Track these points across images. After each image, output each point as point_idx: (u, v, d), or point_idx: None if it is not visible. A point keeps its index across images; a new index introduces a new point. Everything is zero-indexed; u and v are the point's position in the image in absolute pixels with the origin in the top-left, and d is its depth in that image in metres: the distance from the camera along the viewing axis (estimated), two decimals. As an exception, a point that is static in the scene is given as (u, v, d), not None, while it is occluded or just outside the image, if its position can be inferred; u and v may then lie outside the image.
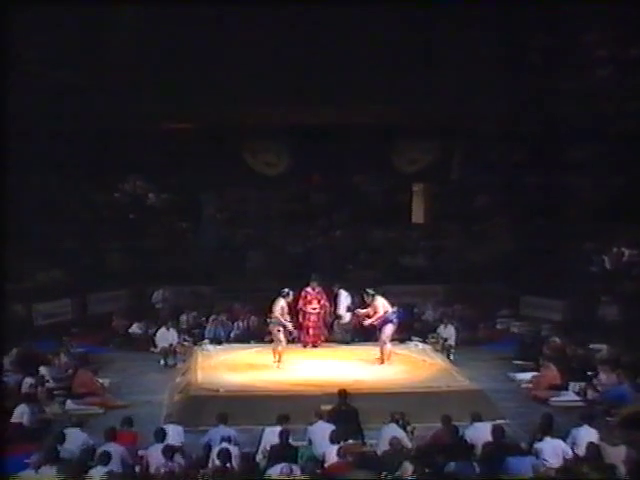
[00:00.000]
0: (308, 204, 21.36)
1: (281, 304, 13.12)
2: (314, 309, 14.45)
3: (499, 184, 19.77)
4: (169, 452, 8.78)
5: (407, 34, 16.62)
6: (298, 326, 14.80)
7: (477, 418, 9.81)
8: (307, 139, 18.65)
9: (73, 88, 16.70)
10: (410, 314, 17.35)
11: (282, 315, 13.08)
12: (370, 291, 13.24)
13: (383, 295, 13.38)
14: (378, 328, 13.19)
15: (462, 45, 16.63)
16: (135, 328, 16.46)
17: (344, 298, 14.69)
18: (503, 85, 17.29)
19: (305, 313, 14.44)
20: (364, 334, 14.78)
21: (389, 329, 13.04)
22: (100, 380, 12.83)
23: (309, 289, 14.53)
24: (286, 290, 13.27)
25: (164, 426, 9.59)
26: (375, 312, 13.03)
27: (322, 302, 14.52)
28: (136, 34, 17.01)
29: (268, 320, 13.32)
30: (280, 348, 13.00)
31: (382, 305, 13.08)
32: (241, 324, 16.41)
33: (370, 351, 13.80)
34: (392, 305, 13.24)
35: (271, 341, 13.54)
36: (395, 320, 13.15)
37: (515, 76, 17.46)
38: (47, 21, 15.78)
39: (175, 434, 9.51)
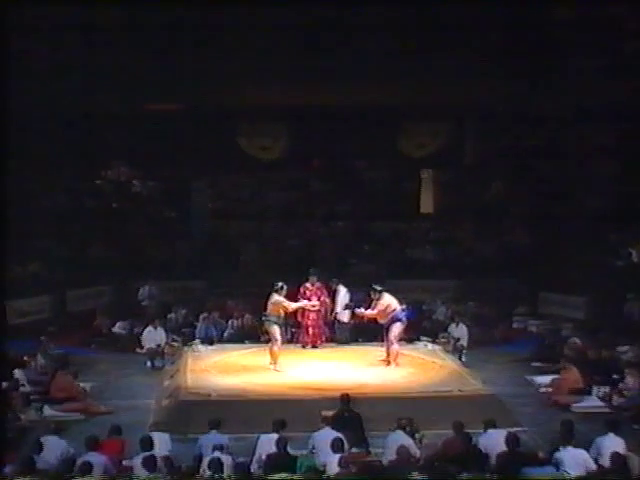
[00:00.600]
0: (307, 192, 21.38)
1: (275, 299, 13.05)
2: (314, 306, 14.41)
3: (516, 171, 19.74)
4: (150, 463, 8.72)
5: (415, 8, 16.52)
6: (296, 325, 14.83)
7: (491, 425, 9.77)
8: (306, 121, 18.63)
9: (51, 66, 16.60)
10: (419, 312, 17.36)
11: (276, 311, 12.99)
12: (377, 287, 13.20)
13: (389, 292, 13.34)
14: (385, 327, 13.18)
15: (474, 20, 16.55)
16: (119, 327, 16.47)
17: (343, 295, 14.61)
18: (520, 63, 17.21)
19: (304, 311, 14.41)
20: (368, 333, 14.81)
21: (397, 328, 13.03)
22: (81, 384, 12.79)
23: (308, 285, 14.51)
24: (279, 284, 13.19)
25: (150, 434, 9.52)
26: (384, 309, 12.98)
27: (322, 299, 14.49)
28: (121, 8, 16.92)
29: (263, 318, 13.24)
30: (276, 349, 12.96)
31: (390, 302, 13.04)
32: (235, 323, 16.41)
33: (375, 352, 13.81)
34: (400, 302, 13.22)
35: (267, 341, 13.51)
36: (404, 319, 13.14)
37: (532, 53, 17.37)
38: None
39: (161, 443, 9.46)
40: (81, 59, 16.71)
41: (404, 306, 13.24)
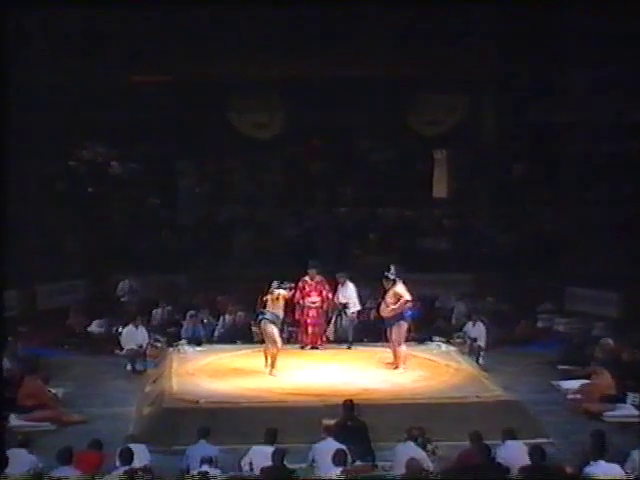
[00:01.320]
0: (306, 174, 21.31)
1: (277, 292, 13.02)
2: (313, 302, 14.40)
3: (540, 151, 19.62)
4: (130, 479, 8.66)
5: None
6: (295, 323, 14.81)
7: (513, 435, 9.75)
8: (305, 94, 18.56)
9: (18, 34, 16.50)
10: (431, 309, 17.32)
11: (274, 308, 12.94)
12: (391, 275, 13.10)
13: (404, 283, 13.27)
14: (386, 326, 13.17)
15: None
16: (95, 326, 16.46)
17: (351, 290, 14.52)
18: (544, 34, 17.15)
19: (303, 307, 14.41)
20: (374, 333, 14.81)
21: (400, 329, 13.02)
22: (52, 390, 12.75)
23: (307, 278, 14.47)
24: (287, 284, 13.19)
25: (129, 446, 9.47)
26: (397, 300, 12.92)
27: (324, 294, 14.47)
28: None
29: (259, 316, 13.20)
30: (275, 350, 12.94)
31: (403, 294, 12.96)
32: (226, 321, 16.40)
33: (382, 353, 13.81)
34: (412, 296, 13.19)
35: (262, 341, 13.48)
36: (408, 318, 13.12)
37: (559, 20, 17.29)
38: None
39: (141, 455, 9.41)
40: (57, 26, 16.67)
41: (411, 304, 13.19)
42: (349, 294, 14.51)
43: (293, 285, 13.55)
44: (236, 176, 21.57)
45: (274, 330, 12.89)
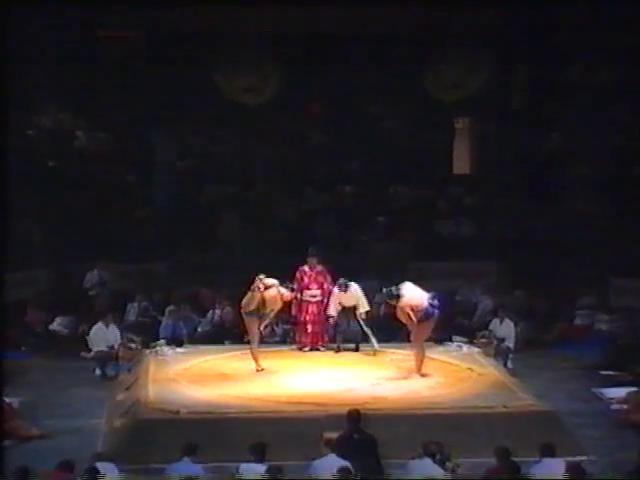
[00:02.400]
0: (305, 147, 21.23)
1: (276, 291, 13.10)
2: (313, 296, 14.44)
3: (581, 119, 19.52)
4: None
5: None
6: (291, 320, 14.88)
7: (547, 452, 9.71)
8: (305, 53, 18.49)
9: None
10: (450, 303, 17.31)
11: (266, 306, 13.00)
12: (393, 292, 13.04)
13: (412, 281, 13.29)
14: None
15: None
16: (59, 324, 16.51)
17: (355, 290, 14.45)
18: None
19: (302, 302, 14.45)
20: (384, 332, 14.87)
21: (423, 331, 13.04)
22: (7, 399, 12.58)
23: (306, 268, 14.51)
24: (290, 285, 13.36)
25: (97, 464, 9.46)
26: (413, 310, 12.88)
27: (325, 286, 14.51)
28: None
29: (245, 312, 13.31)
30: (252, 345, 13.09)
31: (412, 302, 12.92)
32: (211, 317, 16.43)
33: (393, 355, 13.87)
34: (428, 291, 13.17)
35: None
36: (435, 312, 13.05)
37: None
38: None
39: (108, 475, 9.39)
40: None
41: (431, 294, 13.08)
42: (356, 295, 14.41)
43: (294, 286, 13.67)
44: (223, 149, 21.51)
45: (255, 325, 13.01)
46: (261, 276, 13.27)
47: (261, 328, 13.37)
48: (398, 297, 13.01)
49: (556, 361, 15.37)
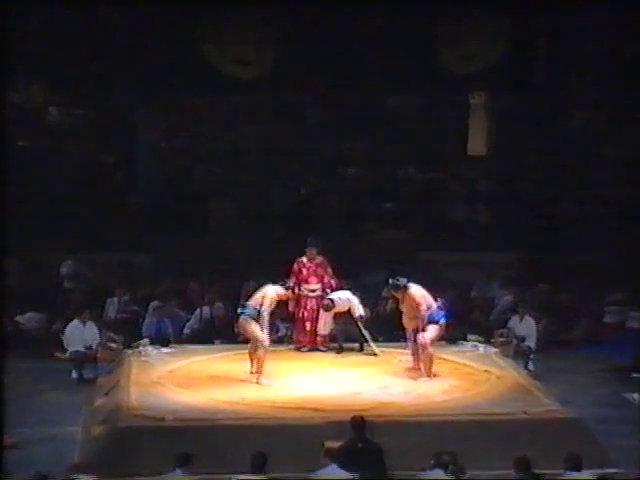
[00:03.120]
0: (304, 125, 21.18)
1: (275, 292, 13.12)
2: (313, 291, 14.45)
3: (613, 94, 19.46)
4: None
5: None
6: (288, 318, 14.90)
7: (573, 463, 9.67)
8: (303, 21, 18.44)
9: None
10: (465, 299, 17.30)
11: (264, 304, 13.05)
12: (399, 282, 13.13)
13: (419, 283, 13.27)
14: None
15: None
16: (30, 321, 16.46)
17: (349, 299, 14.48)
18: None
19: (300, 297, 14.46)
20: (391, 331, 14.87)
21: (433, 332, 13.04)
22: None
23: (305, 260, 14.52)
24: (290, 283, 13.35)
25: (73, 476, 9.46)
26: (418, 309, 12.98)
27: (325, 280, 14.51)
28: None
29: (239, 310, 13.26)
30: (259, 351, 12.95)
31: (419, 300, 12.99)
32: (200, 315, 16.42)
33: (401, 356, 13.86)
34: (435, 298, 13.20)
35: (247, 341, 13.53)
36: (442, 320, 13.12)
37: None
38: None
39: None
40: None
41: (440, 302, 13.23)
42: (348, 303, 14.39)
43: (292, 285, 13.67)
44: (213, 127, 21.48)
45: (257, 328, 12.91)
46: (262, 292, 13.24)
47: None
48: (405, 288, 13.07)
49: (583, 363, 15.40)
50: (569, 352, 15.92)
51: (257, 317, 13.00)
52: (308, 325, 14.49)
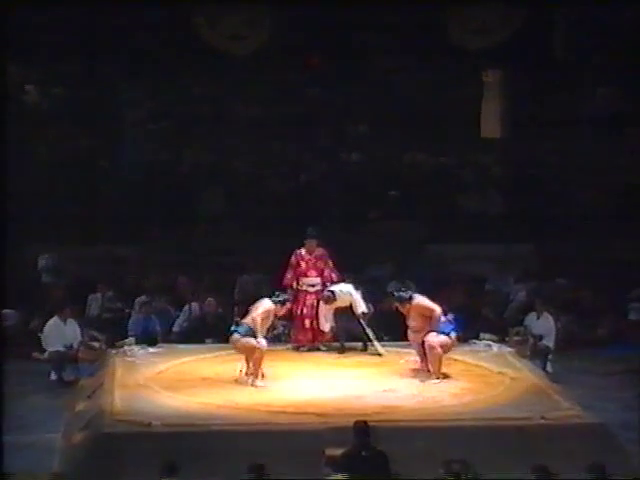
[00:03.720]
0: (302, 105, 21.18)
1: (267, 307, 13.11)
2: (312, 285, 14.51)
3: (631, 72, 19.45)
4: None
5: None
6: (285, 315, 14.80)
7: (595, 472, 9.67)
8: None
9: None
10: (478, 295, 17.33)
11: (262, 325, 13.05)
12: (404, 294, 13.26)
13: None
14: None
15: None
16: (5, 318, 16.34)
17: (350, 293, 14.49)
18: None
19: (298, 292, 14.50)
20: (398, 329, 14.71)
21: (442, 339, 13.12)
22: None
23: (303, 252, 14.57)
24: (281, 297, 13.32)
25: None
26: (425, 318, 13.09)
27: (326, 273, 14.57)
28: None
29: (232, 328, 13.27)
30: (256, 353, 12.97)
31: (425, 308, 13.11)
32: (191, 311, 16.49)
33: (407, 356, 13.90)
34: (445, 313, 13.26)
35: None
36: (452, 333, 13.22)
37: None
38: None
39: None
40: None
41: (450, 316, 13.37)
42: (349, 297, 14.42)
43: (289, 297, 13.64)
44: (203, 108, 21.47)
45: (248, 339, 12.93)
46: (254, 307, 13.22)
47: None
48: (411, 299, 13.18)
49: (605, 363, 15.46)
50: (590, 352, 15.98)
51: (251, 335, 13.03)
52: (307, 323, 14.53)
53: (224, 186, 20.33)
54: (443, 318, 13.17)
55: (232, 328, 13.21)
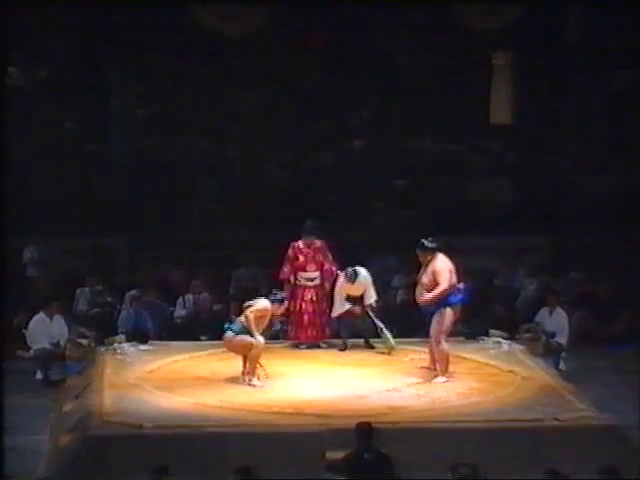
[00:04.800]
0: (303, 90, 21.16)
1: (262, 306, 13.09)
2: (311, 280, 14.51)
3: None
4: None
5: None
6: (285, 311, 14.86)
7: (610, 475, 9.69)
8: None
9: None
10: (487, 289, 17.33)
11: (258, 323, 13.04)
12: (429, 244, 13.09)
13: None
14: (429, 315, 13.19)
15: None
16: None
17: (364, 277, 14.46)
18: None
19: (296, 288, 14.53)
20: (403, 324, 15.09)
21: (446, 318, 13.05)
22: None
23: (301, 245, 14.58)
24: (279, 295, 13.29)
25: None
26: (436, 282, 12.97)
27: (326, 266, 14.58)
28: None
29: (226, 325, 13.27)
30: (253, 350, 12.98)
31: (447, 268, 12.97)
32: (183, 306, 16.58)
33: (414, 354, 13.96)
34: (460, 281, 13.17)
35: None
36: (457, 301, 13.12)
37: None
38: None
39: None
40: None
41: (462, 286, 13.25)
42: (365, 283, 14.41)
43: (285, 296, 13.62)
44: (197, 93, 21.46)
45: (243, 337, 12.93)
46: (248, 304, 13.20)
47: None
48: (434, 251, 13.01)
49: (621, 362, 15.46)
50: (606, 349, 16.03)
51: (245, 333, 13.03)
52: (306, 319, 14.53)
53: (219, 175, 20.30)
54: (455, 286, 13.01)
55: (225, 326, 13.24)
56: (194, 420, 11.69)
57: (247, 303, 13.21)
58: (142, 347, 14.67)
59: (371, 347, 14.45)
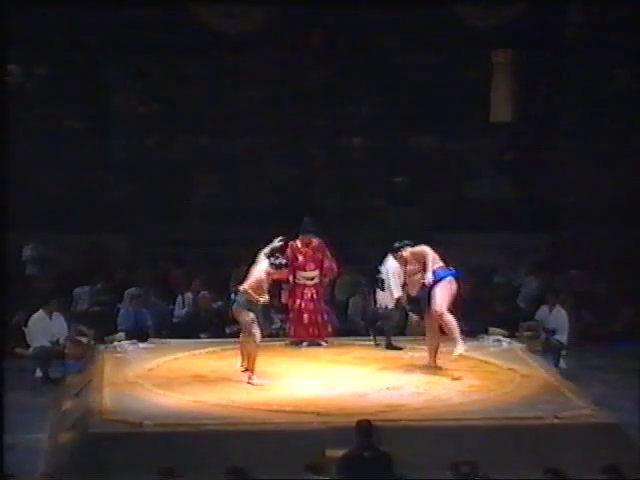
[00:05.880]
0: (303, 87, 21.15)
1: (265, 268, 13.01)
2: (310, 278, 14.55)
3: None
4: None
5: None
6: (283, 309, 15.05)
7: (611, 474, 9.75)
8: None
9: None
10: (487, 286, 17.33)
11: (258, 289, 12.94)
12: (395, 245, 13.37)
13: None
14: (426, 300, 13.27)
15: None
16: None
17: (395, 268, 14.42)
18: None
19: (295, 286, 14.54)
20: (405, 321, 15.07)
21: (443, 290, 13.08)
22: None
23: (299, 244, 14.59)
24: (280, 260, 13.12)
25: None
26: (422, 264, 13.21)
27: (326, 264, 14.63)
28: None
29: (232, 296, 13.32)
30: (250, 346, 12.99)
31: (425, 254, 13.16)
32: (183, 304, 16.56)
33: (412, 351, 14.02)
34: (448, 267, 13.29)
35: (237, 334, 13.61)
36: (451, 277, 13.15)
37: None
38: None
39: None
40: None
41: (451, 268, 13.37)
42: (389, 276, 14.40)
43: (286, 262, 13.51)
44: (197, 90, 21.45)
45: (251, 319, 12.88)
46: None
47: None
48: (400, 249, 13.33)
49: (622, 360, 15.44)
50: (606, 347, 16.02)
51: (250, 306, 13.03)
52: (306, 317, 14.56)
53: (218, 174, 20.30)
54: (441, 263, 13.16)
55: (232, 297, 13.26)
56: (194, 418, 11.68)
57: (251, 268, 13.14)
58: (142, 345, 14.71)
59: (398, 349, 14.41)
